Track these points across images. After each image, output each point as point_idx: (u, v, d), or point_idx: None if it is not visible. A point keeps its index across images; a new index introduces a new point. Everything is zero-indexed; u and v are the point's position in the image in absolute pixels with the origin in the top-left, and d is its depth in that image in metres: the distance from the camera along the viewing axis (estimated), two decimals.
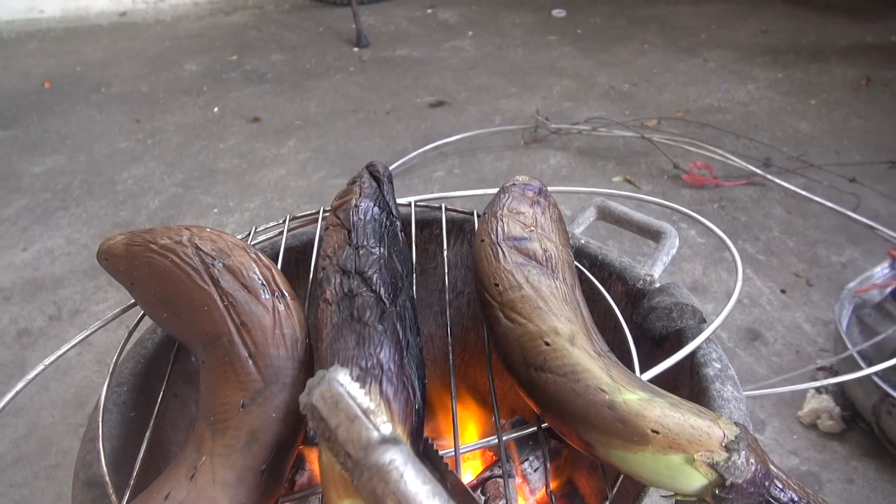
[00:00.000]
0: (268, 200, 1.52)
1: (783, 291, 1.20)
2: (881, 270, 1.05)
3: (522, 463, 0.67)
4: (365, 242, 0.48)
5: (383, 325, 0.41)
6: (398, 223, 0.54)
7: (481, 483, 0.63)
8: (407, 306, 0.44)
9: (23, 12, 2.93)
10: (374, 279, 0.45)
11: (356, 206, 0.52)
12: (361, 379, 0.37)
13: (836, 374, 0.99)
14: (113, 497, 0.41)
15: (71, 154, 1.75)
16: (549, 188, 0.64)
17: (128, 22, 2.94)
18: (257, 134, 1.85)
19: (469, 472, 0.67)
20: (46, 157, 1.74)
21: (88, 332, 0.52)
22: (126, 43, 2.65)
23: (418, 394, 0.38)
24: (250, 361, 0.42)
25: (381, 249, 0.48)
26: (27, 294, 1.24)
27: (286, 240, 0.65)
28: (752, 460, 0.35)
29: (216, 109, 2.01)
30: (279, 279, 0.49)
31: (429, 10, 3.02)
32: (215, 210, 1.49)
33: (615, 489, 0.42)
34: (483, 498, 0.61)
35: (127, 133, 1.87)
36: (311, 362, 0.45)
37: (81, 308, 1.20)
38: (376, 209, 0.53)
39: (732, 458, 0.34)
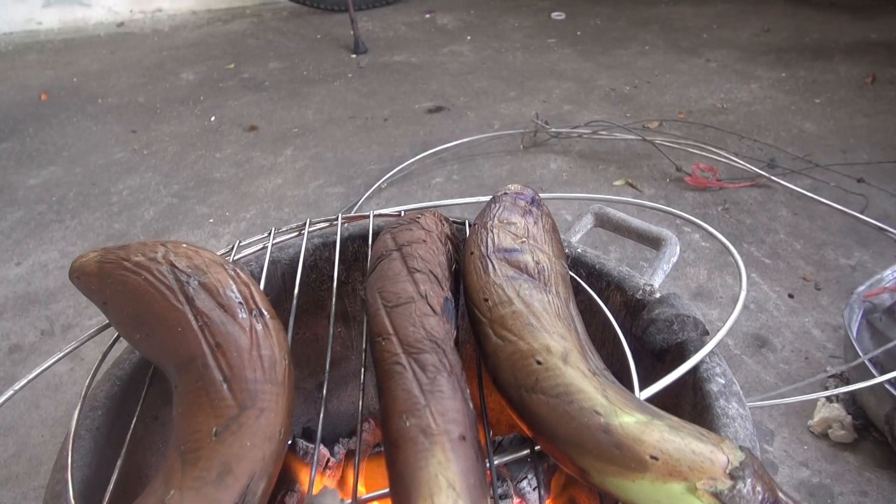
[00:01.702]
0: (264, 210, 1.50)
1: (791, 296, 1.17)
2: (891, 273, 1.01)
3: (520, 482, 0.65)
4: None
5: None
6: None
7: None
8: None
9: (21, 24, 2.94)
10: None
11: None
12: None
13: (847, 381, 0.96)
14: None
15: (66, 166, 1.74)
16: (548, 194, 0.62)
17: (125, 32, 2.94)
18: (254, 142, 1.83)
19: None
20: (42, 169, 1.73)
21: (61, 355, 0.50)
22: (123, 53, 2.64)
23: None
24: (224, 385, 0.40)
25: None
26: (19, 309, 1.22)
27: (272, 253, 0.62)
28: (758, 489, 0.32)
29: (213, 118, 1.99)
30: (258, 297, 0.46)
31: (427, 15, 3.01)
32: (211, 220, 1.47)
33: None
34: None
35: (123, 144, 1.85)
36: (290, 385, 0.43)
37: (74, 323, 1.18)
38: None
39: (737, 487, 0.32)
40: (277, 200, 1.54)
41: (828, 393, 0.74)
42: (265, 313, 0.45)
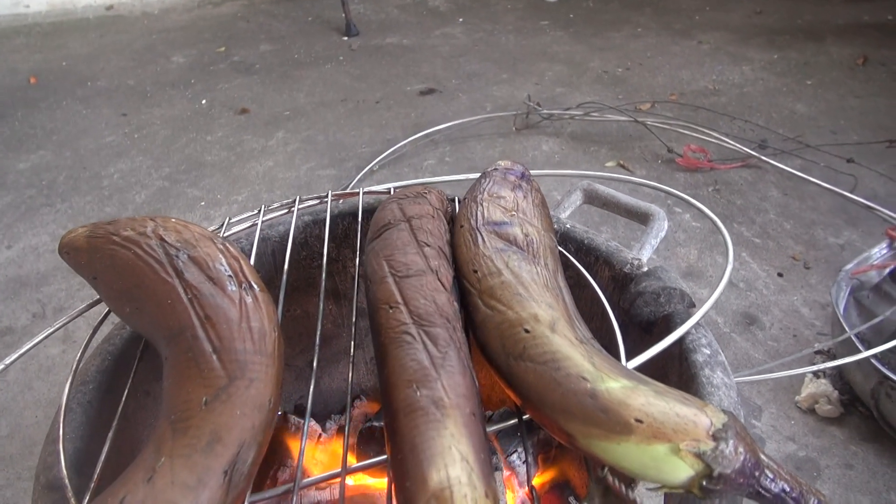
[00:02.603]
0: (256, 192, 1.50)
1: (780, 275, 1.18)
2: (879, 251, 1.02)
3: (510, 455, 0.66)
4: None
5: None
6: None
7: None
8: None
9: (8, 7, 2.89)
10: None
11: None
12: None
13: (834, 357, 0.98)
14: (72, 500, 0.39)
15: (56, 149, 1.72)
16: (540, 171, 0.62)
17: (115, 15, 2.90)
18: (245, 125, 1.82)
19: None
20: (32, 153, 1.72)
21: (52, 330, 0.50)
22: (113, 36, 2.62)
23: None
24: (214, 356, 0.40)
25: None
26: (11, 292, 1.21)
27: (262, 230, 0.62)
28: (740, 449, 0.33)
29: (204, 102, 1.98)
30: (247, 270, 0.46)
31: None
32: (202, 203, 1.47)
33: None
34: None
35: (113, 127, 1.84)
36: (280, 356, 0.43)
37: (66, 305, 1.18)
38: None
39: (720, 448, 0.32)
40: (269, 183, 1.53)
41: (814, 368, 0.75)
42: (254, 286, 0.45)
